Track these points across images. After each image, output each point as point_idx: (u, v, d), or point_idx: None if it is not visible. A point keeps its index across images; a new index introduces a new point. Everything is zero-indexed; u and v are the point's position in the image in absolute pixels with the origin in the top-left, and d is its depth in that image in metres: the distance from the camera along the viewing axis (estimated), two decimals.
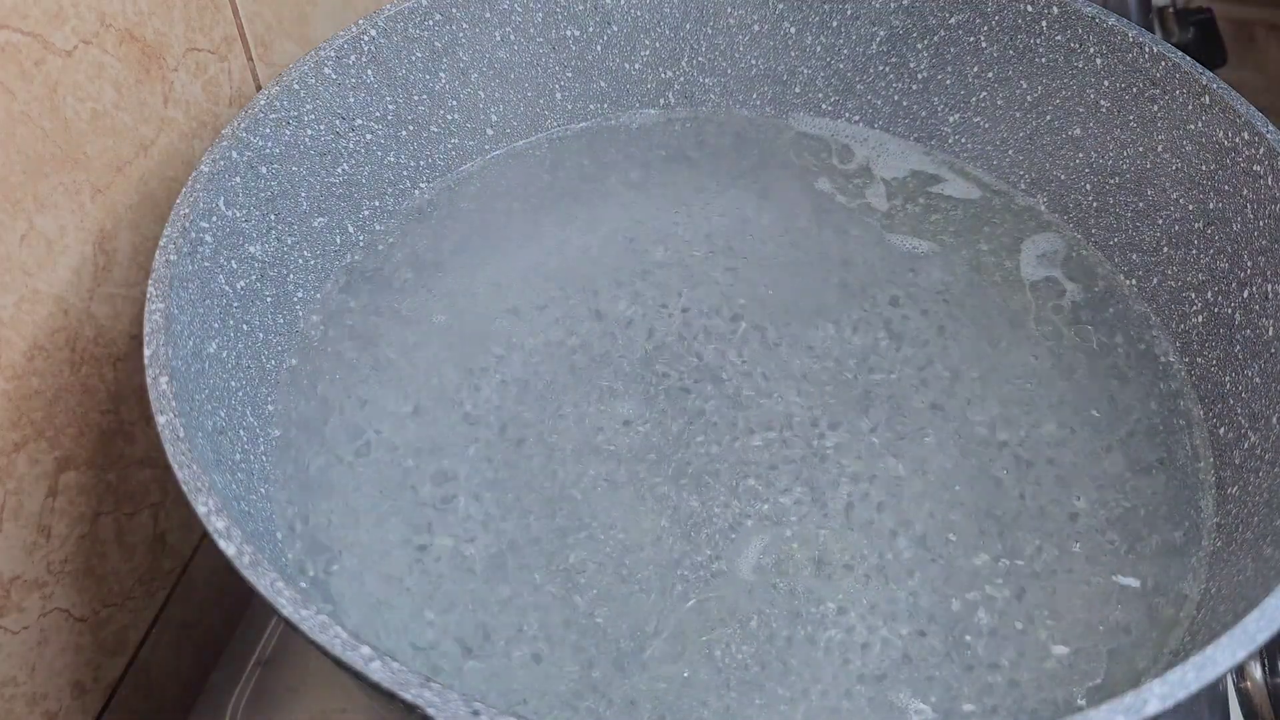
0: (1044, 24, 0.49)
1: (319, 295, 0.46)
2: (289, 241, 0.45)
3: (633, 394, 0.44)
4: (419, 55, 0.49)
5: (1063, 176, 0.51)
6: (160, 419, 0.33)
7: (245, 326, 0.42)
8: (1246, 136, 0.42)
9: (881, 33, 0.53)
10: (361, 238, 0.48)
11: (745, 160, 0.54)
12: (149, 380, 0.34)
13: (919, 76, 0.53)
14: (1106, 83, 0.48)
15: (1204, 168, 0.45)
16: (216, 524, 0.31)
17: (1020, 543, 0.40)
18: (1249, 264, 0.43)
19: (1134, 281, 0.48)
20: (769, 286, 0.48)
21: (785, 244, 0.50)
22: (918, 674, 0.37)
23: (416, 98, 0.50)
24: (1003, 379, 0.45)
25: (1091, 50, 0.48)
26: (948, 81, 0.53)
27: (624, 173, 0.53)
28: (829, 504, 0.41)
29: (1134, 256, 0.48)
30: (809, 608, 0.38)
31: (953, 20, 0.51)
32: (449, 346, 0.45)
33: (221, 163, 0.41)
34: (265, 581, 0.29)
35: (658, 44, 0.54)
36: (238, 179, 0.42)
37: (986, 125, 0.52)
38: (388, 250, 0.49)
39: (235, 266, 0.42)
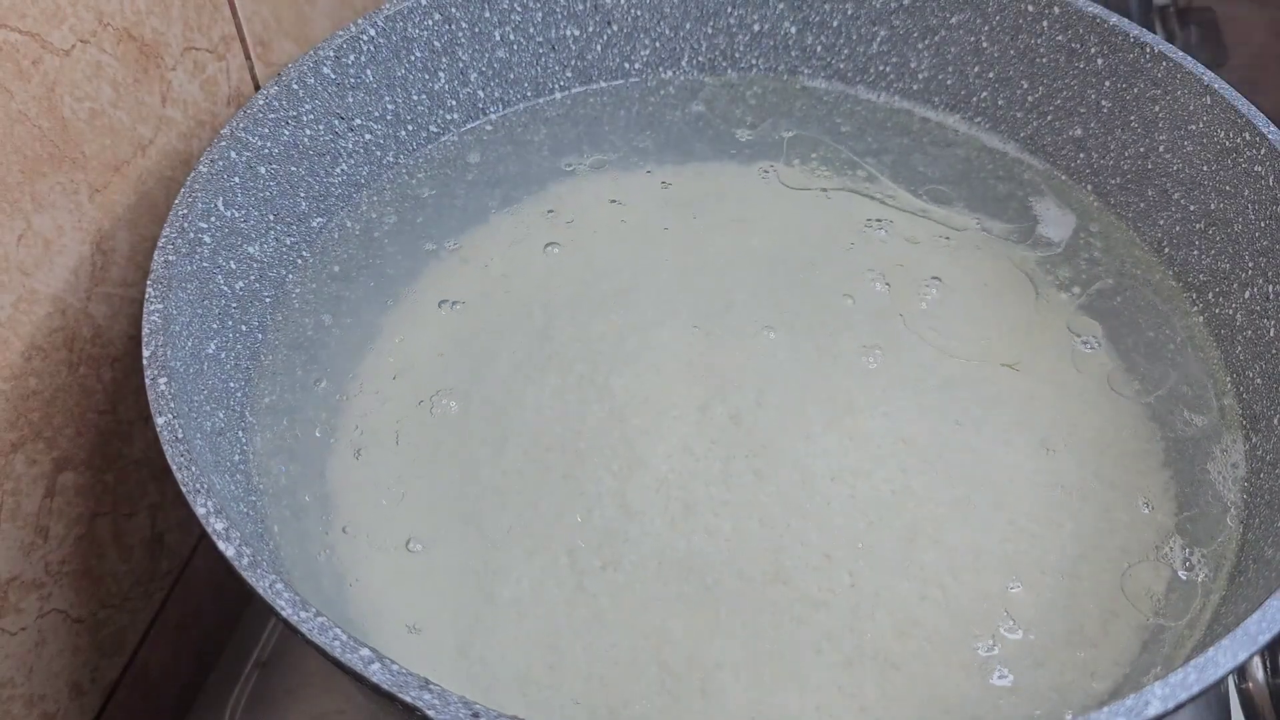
0: (1045, 24, 0.49)
1: (318, 295, 0.46)
2: (288, 242, 0.45)
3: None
4: (418, 55, 0.49)
5: (1064, 178, 0.51)
6: (159, 420, 0.33)
7: (244, 327, 0.42)
8: (1248, 137, 0.42)
9: (882, 33, 0.53)
10: (360, 237, 0.48)
11: None
12: (147, 381, 0.34)
13: (920, 77, 0.53)
14: (1108, 83, 0.48)
15: (1205, 168, 0.45)
16: (215, 525, 0.31)
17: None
18: (1250, 265, 0.43)
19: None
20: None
21: None
22: None
23: (416, 98, 0.50)
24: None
25: (1093, 50, 0.48)
26: (949, 82, 0.52)
27: None
28: None
29: (1136, 254, 0.48)
30: None
31: (953, 20, 0.51)
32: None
33: (220, 163, 0.41)
34: (265, 583, 0.29)
35: (658, 44, 0.54)
36: (236, 179, 0.42)
37: (987, 126, 0.52)
38: (387, 249, 0.48)
39: (234, 267, 0.42)
